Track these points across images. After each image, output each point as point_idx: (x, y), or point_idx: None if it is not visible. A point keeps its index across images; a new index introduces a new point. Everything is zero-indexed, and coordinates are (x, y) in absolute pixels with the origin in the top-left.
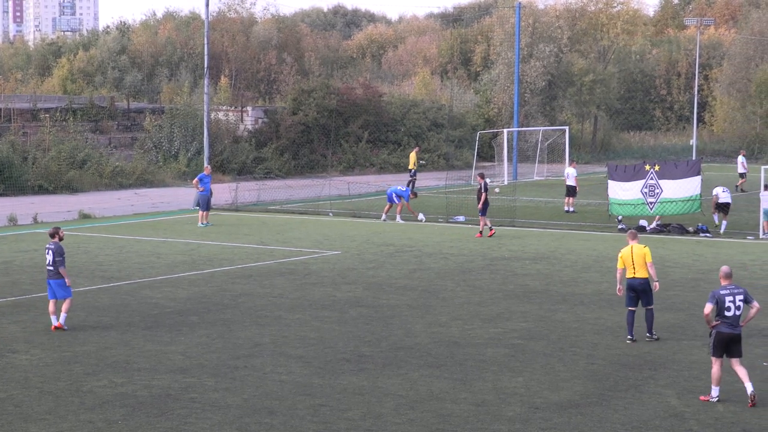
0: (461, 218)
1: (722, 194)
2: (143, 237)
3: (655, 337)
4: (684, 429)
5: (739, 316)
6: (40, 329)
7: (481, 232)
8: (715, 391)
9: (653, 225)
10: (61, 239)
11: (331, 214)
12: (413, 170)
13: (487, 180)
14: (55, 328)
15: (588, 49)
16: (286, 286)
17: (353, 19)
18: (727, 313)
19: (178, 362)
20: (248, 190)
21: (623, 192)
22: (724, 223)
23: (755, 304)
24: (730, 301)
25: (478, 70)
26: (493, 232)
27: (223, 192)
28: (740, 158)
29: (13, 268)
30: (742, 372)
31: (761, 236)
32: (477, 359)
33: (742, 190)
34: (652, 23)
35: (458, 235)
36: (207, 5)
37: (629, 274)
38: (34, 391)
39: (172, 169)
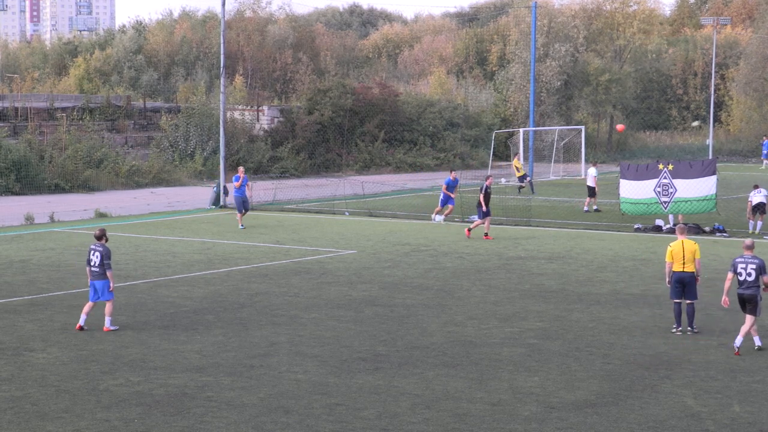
0: (476, 218)
1: (756, 195)
2: (159, 236)
3: (696, 330)
4: (700, 429)
5: (753, 281)
6: (57, 328)
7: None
8: (738, 340)
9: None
10: (107, 241)
11: (347, 213)
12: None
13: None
14: (80, 327)
15: (604, 49)
16: (302, 285)
17: (369, 19)
18: (739, 278)
19: (195, 361)
20: (264, 189)
21: (635, 191)
22: (759, 223)
23: (765, 278)
24: (742, 267)
25: (494, 69)
26: (488, 237)
27: None
28: None
29: (30, 266)
30: (746, 327)
31: None
32: (493, 359)
33: None
34: (669, 22)
35: (474, 234)
36: (223, 4)
37: (677, 268)
38: (51, 390)
39: (188, 168)
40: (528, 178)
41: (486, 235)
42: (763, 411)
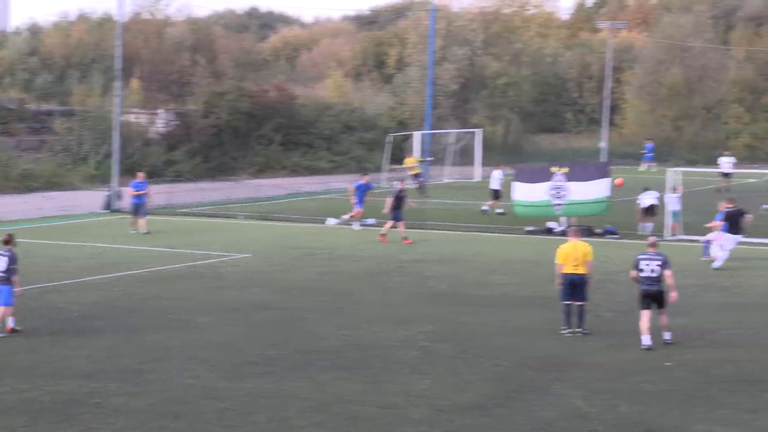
0: (371, 221)
1: (646, 198)
2: (50, 241)
3: (586, 331)
4: (588, 429)
5: (656, 277)
6: None
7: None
8: (644, 339)
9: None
10: (15, 246)
11: (241, 217)
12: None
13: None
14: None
15: (501, 52)
16: (195, 289)
17: (268, 22)
18: (642, 274)
19: (84, 367)
20: (159, 193)
21: (529, 193)
22: (650, 225)
23: (667, 272)
24: (645, 264)
25: (391, 72)
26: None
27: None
28: (724, 159)
29: None
30: (663, 321)
31: (667, 237)
32: (385, 362)
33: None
34: (566, 26)
35: (368, 238)
36: (120, 6)
37: (568, 270)
38: None
39: (82, 172)
40: (421, 180)
41: (396, 238)
42: (650, 411)
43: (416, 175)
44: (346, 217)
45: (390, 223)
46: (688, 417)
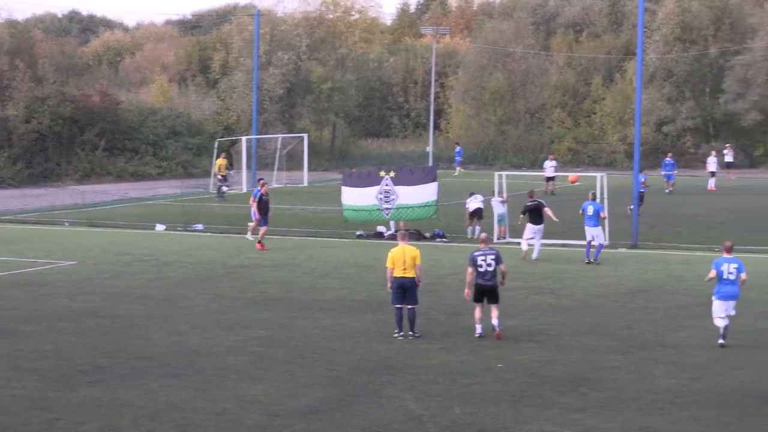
0: (200, 226)
1: (473, 201)
2: None
3: (418, 334)
4: (422, 431)
5: (492, 272)
6: None
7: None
8: (478, 329)
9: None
10: None
11: (66, 223)
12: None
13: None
14: None
15: (327, 57)
16: (21, 297)
17: (89, 26)
18: (479, 269)
19: None
20: None
21: (358, 198)
22: (478, 228)
23: (501, 266)
24: (481, 260)
25: (216, 77)
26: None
27: None
28: (548, 163)
29: None
30: (494, 313)
31: (495, 240)
32: (217, 367)
33: (552, 194)
34: (390, 32)
35: (197, 243)
36: None
37: (398, 273)
38: None
39: None
40: (225, 183)
41: (259, 242)
42: (482, 412)
43: (224, 177)
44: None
45: (263, 230)
46: (520, 417)
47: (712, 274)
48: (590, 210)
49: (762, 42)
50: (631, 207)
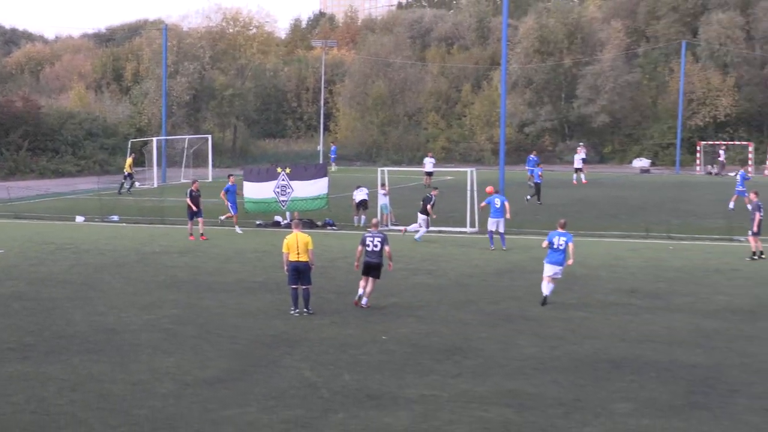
0: (116, 218)
1: (359, 194)
2: None
3: (311, 311)
4: (316, 396)
5: (378, 252)
6: None
7: (200, 234)
8: (360, 292)
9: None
10: None
11: None
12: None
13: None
14: None
15: (228, 67)
16: None
17: (12, 38)
18: (367, 248)
19: None
20: None
21: (258, 191)
22: (363, 217)
23: (386, 248)
24: (369, 240)
25: (129, 85)
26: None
27: None
28: (427, 159)
29: None
30: (369, 288)
31: (381, 228)
32: (133, 343)
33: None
34: (284, 44)
35: (113, 233)
36: None
37: (293, 258)
38: None
39: None
40: (132, 180)
41: (202, 235)
42: (369, 378)
43: (129, 175)
44: (222, 218)
45: (201, 221)
46: (402, 383)
47: (545, 244)
48: (497, 202)
49: (609, 54)
50: (528, 197)
